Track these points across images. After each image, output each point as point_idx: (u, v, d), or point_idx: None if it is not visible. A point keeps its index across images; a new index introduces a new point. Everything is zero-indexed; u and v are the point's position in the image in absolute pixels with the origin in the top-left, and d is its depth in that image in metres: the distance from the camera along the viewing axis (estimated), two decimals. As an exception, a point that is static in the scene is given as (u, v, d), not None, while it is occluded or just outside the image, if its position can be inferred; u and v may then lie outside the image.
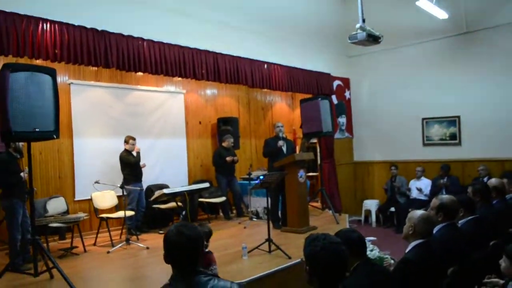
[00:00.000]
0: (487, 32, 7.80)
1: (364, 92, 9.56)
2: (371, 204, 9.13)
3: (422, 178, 8.35)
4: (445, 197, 3.67)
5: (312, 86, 8.41)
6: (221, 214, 8.30)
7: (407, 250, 3.09)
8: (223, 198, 7.93)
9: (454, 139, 8.20)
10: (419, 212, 3.20)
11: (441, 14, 7.21)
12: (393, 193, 8.62)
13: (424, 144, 8.61)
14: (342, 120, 9.44)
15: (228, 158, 7.93)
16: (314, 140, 9.45)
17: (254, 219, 7.70)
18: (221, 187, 8.04)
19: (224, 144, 8.13)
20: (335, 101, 9.16)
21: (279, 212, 7.00)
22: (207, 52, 6.47)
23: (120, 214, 6.31)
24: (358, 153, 9.73)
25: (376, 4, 7.18)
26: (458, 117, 8.11)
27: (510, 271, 2.68)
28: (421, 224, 3.09)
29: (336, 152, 9.01)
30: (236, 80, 6.96)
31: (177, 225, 2.08)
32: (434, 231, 3.42)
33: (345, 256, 2.12)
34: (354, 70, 9.63)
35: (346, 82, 9.60)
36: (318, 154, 9.00)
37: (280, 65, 7.68)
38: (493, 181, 4.79)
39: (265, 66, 7.42)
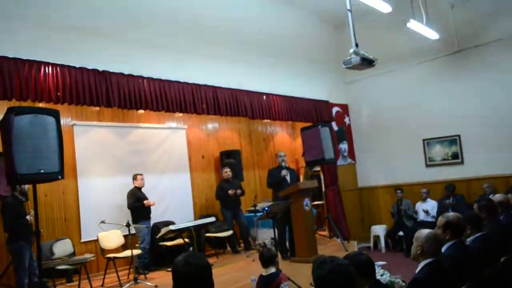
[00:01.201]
0: (478, 49, 7.92)
1: (364, 116, 9.63)
2: (379, 230, 9.04)
3: (428, 199, 8.30)
4: (450, 214, 3.66)
5: (311, 114, 8.50)
6: (228, 248, 8.22)
7: (417, 271, 3.07)
8: (229, 232, 7.87)
9: (457, 158, 8.19)
10: (426, 231, 3.19)
11: (432, 35, 7.36)
12: (400, 217, 8.55)
13: (427, 165, 8.59)
14: (344, 146, 9.48)
15: (230, 191, 7.91)
16: (317, 168, 9.45)
17: (262, 251, 7.60)
18: (227, 220, 8.00)
19: (223, 176, 8.16)
20: (335, 127, 9.23)
21: (287, 243, 6.94)
22: (206, 86, 6.59)
23: (127, 253, 6.27)
24: (362, 179, 9.71)
25: (368, 29, 7.34)
26: (459, 136, 8.13)
27: None
28: (428, 243, 3.08)
29: (340, 179, 9.01)
30: (236, 112, 7.06)
31: (184, 255, 2.09)
32: (443, 250, 3.41)
33: (353, 277, 2.12)
34: (352, 96, 9.75)
35: (345, 108, 9.70)
36: (322, 182, 8.99)
37: (278, 95, 7.80)
38: (498, 196, 4.79)
39: (264, 97, 7.53)
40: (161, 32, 6.07)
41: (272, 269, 4.51)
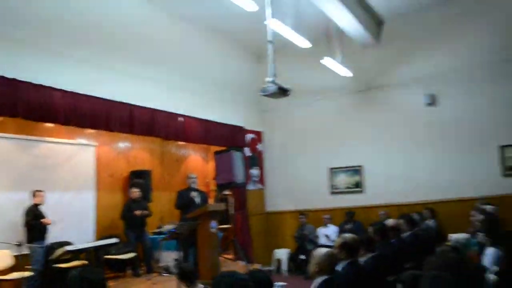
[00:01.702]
0: (384, 90, 8.73)
1: (276, 144, 9.99)
2: (282, 253, 9.31)
3: (329, 225, 8.76)
4: (347, 236, 3.93)
5: (226, 139, 8.65)
6: (130, 271, 7.88)
7: (314, 287, 3.23)
8: (131, 254, 7.54)
9: (358, 187, 8.80)
10: (323, 250, 3.39)
11: (346, 73, 7.94)
12: (302, 241, 8.89)
13: (332, 193, 9.11)
14: (255, 171, 9.72)
15: (137, 212, 7.63)
16: (227, 192, 9.55)
17: (164, 274, 7.39)
18: (130, 242, 7.64)
19: (131, 196, 7.90)
20: (248, 153, 9.46)
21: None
22: (121, 103, 6.44)
23: (16, 275, 5.78)
24: (270, 204, 10.00)
25: (286, 64, 7.62)
26: (361, 166, 8.77)
27: None
28: (324, 261, 3.28)
29: (249, 203, 9.19)
30: (151, 132, 6.96)
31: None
32: (339, 268, 3.63)
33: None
34: (267, 123, 10.12)
35: (259, 135, 10.00)
36: (231, 205, 9.10)
37: (195, 118, 7.85)
38: (390, 221, 5.23)
39: (180, 118, 7.53)
40: (77, 43, 5.88)
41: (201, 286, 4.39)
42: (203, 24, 7.96)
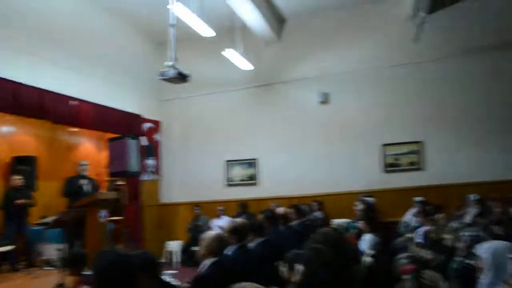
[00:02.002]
0: (281, 86, 9.04)
1: (174, 135, 9.86)
2: (174, 245, 9.21)
3: (223, 216, 8.86)
4: (238, 220, 4.01)
5: (122, 126, 8.33)
6: (7, 266, 7.19)
7: (202, 268, 3.25)
8: (9, 247, 6.89)
9: (253, 179, 9.02)
10: (212, 233, 3.43)
11: (246, 66, 8.07)
12: (196, 233, 8.87)
13: (227, 185, 9.22)
14: (151, 162, 9.48)
15: (18, 201, 7.01)
16: (121, 182, 9.19)
17: (46, 268, 6.87)
18: (9, 234, 7.01)
19: (13, 184, 7.24)
20: (145, 142, 9.19)
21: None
22: (5, 80, 5.86)
23: None
24: (165, 195, 9.84)
25: (188, 52, 7.57)
26: (256, 159, 9.00)
27: (289, 275, 3.02)
28: (213, 243, 3.32)
29: (143, 194, 8.94)
30: (39, 114, 6.43)
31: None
32: (228, 252, 3.70)
33: (134, 270, 2.13)
34: (166, 113, 9.92)
35: (157, 124, 9.77)
36: (123, 196, 8.77)
37: (89, 102, 7.42)
38: (280, 210, 5.44)
39: (73, 101, 7.06)
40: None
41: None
42: (102, 4, 7.58)
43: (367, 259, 4.39)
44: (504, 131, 7.84)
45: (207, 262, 3.25)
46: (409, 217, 7.35)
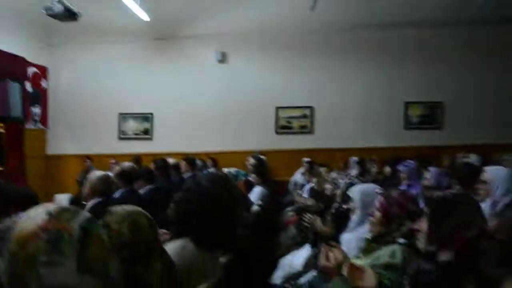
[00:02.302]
0: (179, 41, 8.82)
1: (63, 83, 9.20)
2: (62, 198, 8.75)
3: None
4: (125, 164, 3.92)
5: (3, 68, 7.52)
6: None
7: (86, 209, 3.14)
8: None
9: (147, 134, 8.81)
10: (98, 173, 3.31)
11: (143, 16, 7.66)
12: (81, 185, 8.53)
13: (120, 138, 8.89)
14: (36, 110, 8.78)
15: None
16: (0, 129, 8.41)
17: None
18: None
19: None
20: (29, 88, 8.45)
21: None
22: None
23: None
24: (52, 146, 9.22)
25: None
26: (152, 114, 8.77)
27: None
28: (98, 183, 3.21)
29: (27, 144, 8.28)
30: None
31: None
32: (116, 195, 3.62)
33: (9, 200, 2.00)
34: (54, 60, 9.17)
35: (43, 70, 9.01)
36: (3, 143, 8.06)
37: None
38: (172, 160, 5.42)
39: None
40: None
41: None
42: None
43: (255, 208, 4.59)
44: (385, 101, 8.60)
45: (92, 202, 3.15)
46: (298, 176, 7.81)
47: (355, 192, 2.82)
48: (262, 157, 7.40)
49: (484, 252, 1.31)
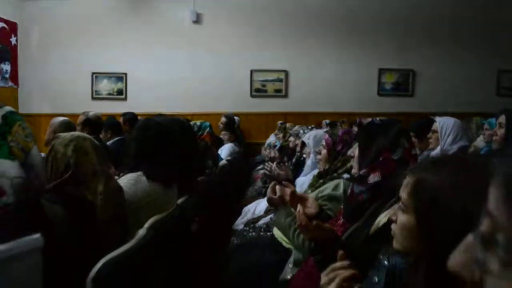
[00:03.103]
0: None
1: (34, 40, 8.98)
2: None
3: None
4: (91, 113, 3.94)
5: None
6: None
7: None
8: None
9: (121, 94, 8.75)
10: (60, 118, 3.33)
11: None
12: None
13: (93, 98, 8.80)
14: (6, 67, 8.59)
15: None
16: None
17: None
18: None
19: None
20: (-2, 45, 8.25)
21: None
22: None
23: None
24: (24, 105, 9.06)
25: None
26: (125, 74, 8.68)
27: None
28: (60, 129, 3.24)
29: (-3, 102, 8.13)
30: None
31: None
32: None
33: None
34: (24, 15, 8.91)
35: (13, 26, 8.76)
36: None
37: None
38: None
39: None
40: None
41: None
42: None
43: (223, 162, 4.68)
44: (359, 67, 8.72)
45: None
46: (272, 138, 7.91)
47: (308, 137, 2.92)
48: (235, 117, 7.46)
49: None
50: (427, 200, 0.94)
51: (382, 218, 1.49)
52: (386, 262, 1.24)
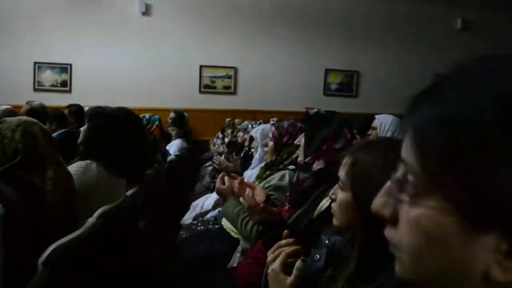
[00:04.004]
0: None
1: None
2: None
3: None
4: (36, 103, 3.83)
5: None
6: None
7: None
8: None
9: (65, 86, 8.45)
10: (2, 107, 3.23)
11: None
12: None
13: (35, 90, 8.42)
14: None
15: None
16: None
17: None
18: None
19: None
20: None
21: None
22: None
23: None
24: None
25: None
26: (70, 64, 8.40)
27: None
28: (3, 117, 3.13)
29: None
30: None
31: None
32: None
33: None
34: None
35: None
36: None
37: None
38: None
39: None
40: None
41: None
42: None
43: (171, 157, 4.69)
44: (306, 67, 8.99)
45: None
46: (220, 135, 7.96)
47: (256, 131, 3.02)
48: (184, 114, 7.44)
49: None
50: (362, 177, 1.06)
51: (324, 203, 1.61)
52: (326, 241, 1.35)
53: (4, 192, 1.16)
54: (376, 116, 3.22)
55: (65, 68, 8.42)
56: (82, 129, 2.44)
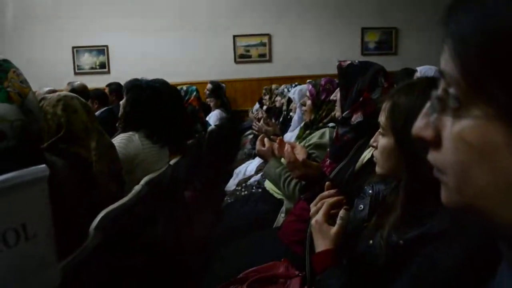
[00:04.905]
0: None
1: (9, 15, 8.70)
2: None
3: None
4: (76, 83, 3.93)
5: None
6: None
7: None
8: None
9: (104, 67, 8.63)
10: (46, 88, 3.34)
11: None
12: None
13: (76, 73, 8.65)
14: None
15: None
16: None
17: None
18: None
19: None
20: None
21: None
22: None
23: None
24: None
25: None
26: (107, 46, 8.55)
27: None
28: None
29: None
30: None
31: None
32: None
33: None
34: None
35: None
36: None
37: None
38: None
39: None
40: None
41: None
42: None
43: (212, 127, 4.73)
44: (342, 27, 8.72)
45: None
46: (257, 106, 7.93)
47: (294, 92, 2.98)
48: (222, 85, 7.45)
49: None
50: (403, 119, 1.02)
51: (366, 155, 1.57)
52: (370, 191, 1.32)
53: (51, 161, 1.20)
54: (418, 68, 3.10)
55: (102, 50, 8.59)
56: (121, 102, 2.49)
